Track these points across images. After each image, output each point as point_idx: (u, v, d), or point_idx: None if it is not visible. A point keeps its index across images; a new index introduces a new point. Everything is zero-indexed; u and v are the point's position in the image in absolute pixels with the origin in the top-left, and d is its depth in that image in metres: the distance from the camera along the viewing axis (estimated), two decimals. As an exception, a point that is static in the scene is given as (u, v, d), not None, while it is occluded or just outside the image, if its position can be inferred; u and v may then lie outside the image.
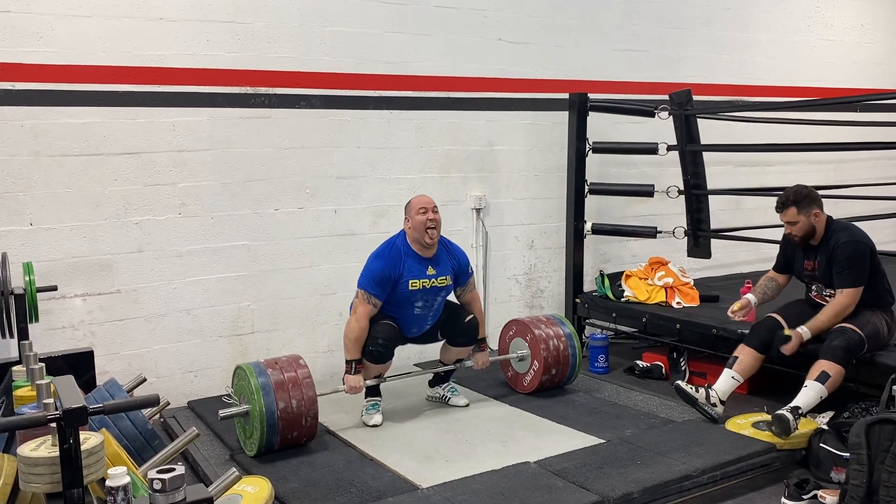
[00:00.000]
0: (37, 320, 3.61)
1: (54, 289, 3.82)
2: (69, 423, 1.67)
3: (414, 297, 3.69)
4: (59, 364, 3.55)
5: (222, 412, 3.39)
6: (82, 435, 1.91)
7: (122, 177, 4.08)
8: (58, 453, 1.83)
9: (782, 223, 3.75)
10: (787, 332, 3.61)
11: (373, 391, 3.85)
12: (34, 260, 3.76)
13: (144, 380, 3.62)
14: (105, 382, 3.17)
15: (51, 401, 1.92)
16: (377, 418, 3.77)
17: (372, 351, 3.64)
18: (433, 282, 3.71)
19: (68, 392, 1.81)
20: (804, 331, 3.61)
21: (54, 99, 3.90)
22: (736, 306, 3.93)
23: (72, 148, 3.96)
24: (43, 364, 2.52)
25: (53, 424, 1.79)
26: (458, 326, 3.86)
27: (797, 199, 3.65)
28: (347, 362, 3.64)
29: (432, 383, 4.15)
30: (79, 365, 3.66)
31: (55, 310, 3.96)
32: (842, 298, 3.58)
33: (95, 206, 4.03)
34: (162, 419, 3.94)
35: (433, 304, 3.77)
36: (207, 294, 4.33)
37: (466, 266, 3.88)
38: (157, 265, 4.20)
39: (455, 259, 3.85)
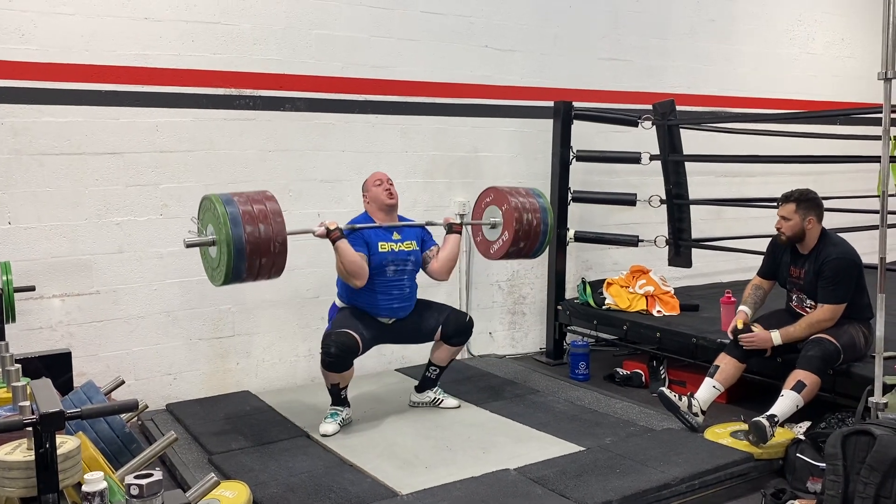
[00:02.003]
0: (13, 321, 3.56)
1: (32, 289, 3.78)
2: (45, 428, 1.65)
3: (385, 259, 3.78)
4: (35, 365, 3.51)
5: (188, 239, 3.32)
6: (58, 439, 1.89)
7: (104, 177, 4.05)
8: (33, 457, 1.81)
9: (777, 217, 3.76)
10: (755, 327, 3.64)
11: (337, 400, 3.83)
12: (12, 259, 3.71)
13: (122, 382, 3.57)
14: (82, 385, 3.14)
15: (27, 404, 1.89)
16: (330, 427, 3.71)
17: (323, 358, 3.68)
18: (399, 245, 3.85)
19: (45, 396, 1.78)
20: (775, 334, 3.64)
21: (36, 97, 3.86)
22: (739, 324, 3.74)
23: (53, 147, 3.92)
24: (19, 365, 2.48)
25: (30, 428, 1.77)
26: (459, 325, 3.95)
27: (801, 198, 3.69)
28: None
29: (419, 388, 4.14)
30: (56, 366, 3.62)
31: (33, 310, 3.91)
32: (820, 313, 3.62)
33: (76, 206, 3.99)
34: (140, 422, 3.90)
35: (405, 268, 3.85)
36: (188, 296, 4.30)
37: (425, 231, 4.02)
38: (137, 266, 4.16)
39: (416, 231, 3.98)
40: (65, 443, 1.98)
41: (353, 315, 3.81)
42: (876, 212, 3.34)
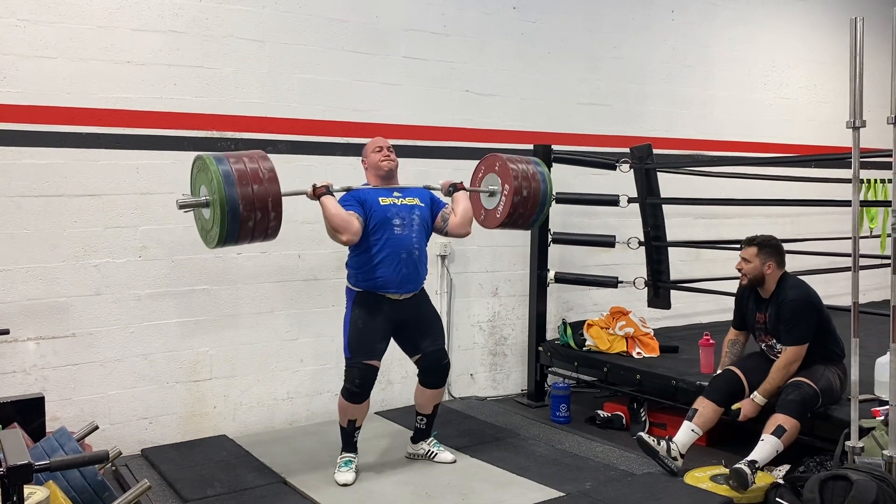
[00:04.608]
0: (-14, 364, 3.52)
1: (6, 332, 3.74)
2: (12, 481, 1.62)
3: (388, 212, 3.68)
4: (7, 411, 3.46)
5: (180, 199, 3.21)
6: (27, 490, 1.86)
7: (82, 219, 4.03)
8: (0, 510, 1.77)
9: (739, 258, 3.86)
10: (735, 406, 3.73)
11: (349, 444, 3.77)
12: (-13, 302, 3.68)
13: (96, 427, 3.54)
14: (55, 431, 3.09)
15: (-5, 454, 1.86)
16: (348, 476, 3.64)
17: (348, 388, 3.63)
18: (402, 200, 3.77)
19: (13, 447, 1.75)
20: (758, 397, 3.70)
21: (16, 139, 3.86)
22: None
23: (31, 189, 3.91)
24: (-10, 413, 2.45)
25: (-3, 480, 1.74)
26: (432, 364, 3.82)
27: (763, 243, 3.81)
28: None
29: (414, 439, 4.01)
30: (28, 411, 3.57)
31: (6, 353, 3.86)
32: (785, 357, 3.69)
33: (53, 248, 3.97)
34: (114, 468, 3.82)
35: (411, 221, 3.73)
36: (165, 339, 4.26)
37: (431, 193, 3.94)
38: (114, 308, 4.13)
39: (419, 191, 3.89)
40: (34, 493, 1.95)
41: (364, 315, 3.68)
42: (849, 255, 3.40)
